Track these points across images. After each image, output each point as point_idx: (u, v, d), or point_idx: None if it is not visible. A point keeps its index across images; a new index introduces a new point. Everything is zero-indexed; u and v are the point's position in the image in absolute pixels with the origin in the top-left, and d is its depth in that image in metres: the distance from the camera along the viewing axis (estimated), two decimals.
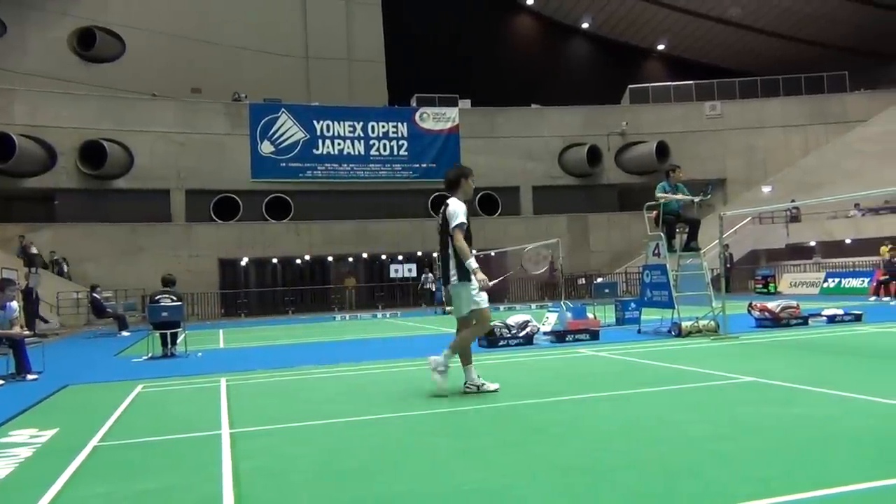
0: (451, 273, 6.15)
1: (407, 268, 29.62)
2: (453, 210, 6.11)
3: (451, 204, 6.17)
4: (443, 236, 6.24)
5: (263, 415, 5.81)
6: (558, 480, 3.52)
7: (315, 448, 4.53)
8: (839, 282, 22.57)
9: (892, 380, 6.14)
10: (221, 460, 4.24)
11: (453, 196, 6.25)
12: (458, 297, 6.19)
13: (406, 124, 31.93)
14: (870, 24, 40.78)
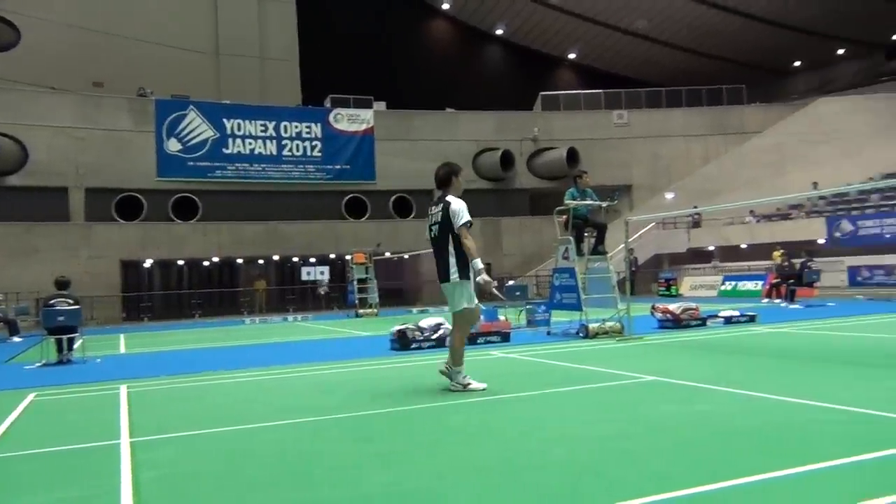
0: (451, 270, 6.11)
1: (319, 270, 29.22)
2: (457, 208, 6.11)
3: (452, 202, 6.16)
4: (441, 234, 6.19)
5: (166, 422, 5.59)
6: (469, 481, 3.54)
7: (220, 456, 4.40)
8: (735, 285, 23.71)
9: (784, 377, 6.49)
10: (121, 471, 4.05)
11: (445, 194, 6.28)
12: (457, 295, 6.16)
13: (320, 125, 31.52)
14: (765, 41, 43.18)
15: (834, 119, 33.14)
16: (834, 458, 3.48)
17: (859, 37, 44.92)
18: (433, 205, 6.40)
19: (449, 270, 6.13)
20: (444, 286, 6.26)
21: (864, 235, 23.44)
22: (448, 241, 6.14)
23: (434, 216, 6.29)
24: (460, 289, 6.13)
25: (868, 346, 8.75)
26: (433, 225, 6.28)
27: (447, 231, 6.14)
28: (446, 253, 6.16)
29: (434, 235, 6.28)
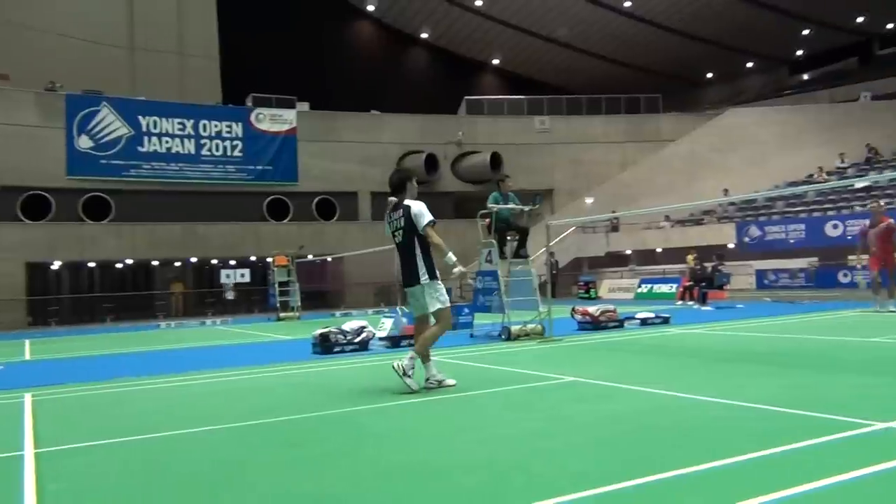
0: (420, 272, 6.25)
1: (240, 273, 28.59)
2: (419, 210, 6.29)
3: (413, 205, 6.31)
4: (407, 239, 6.31)
5: (75, 432, 5.35)
6: (391, 484, 3.53)
7: (133, 466, 4.24)
8: (651, 287, 24.47)
9: (695, 376, 6.74)
10: (24, 484, 3.85)
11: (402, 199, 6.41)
12: (427, 296, 6.29)
13: (241, 124, 30.86)
14: (680, 52, 44.85)
15: (743, 129, 34.70)
16: (740, 454, 3.63)
17: (766, 52, 47.28)
18: (391, 210, 6.50)
19: (418, 273, 6.28)
20: (413, 290, 6.38)
21: (770, 240, 24.62)
22: (415, 244, 6.29)
23: (396, 222, 6.41)
24: (431, 289, 6.29)
25: (773, 345, 9.19)
26: (397, 231, 6.40)
27: (413, 235, 6.29)
28: (413, 256, 6.30)
29: (401, 241, 6.40)
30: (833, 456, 3.60)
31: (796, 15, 41.42)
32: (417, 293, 6.37)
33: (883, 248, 12.35)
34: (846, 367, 6.91)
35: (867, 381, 5.92)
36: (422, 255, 6.30)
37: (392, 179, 6.60)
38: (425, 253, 6.32)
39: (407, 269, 6.37)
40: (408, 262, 6.36)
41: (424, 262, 6.29)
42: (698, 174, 32.88)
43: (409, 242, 6.31)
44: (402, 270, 6.48)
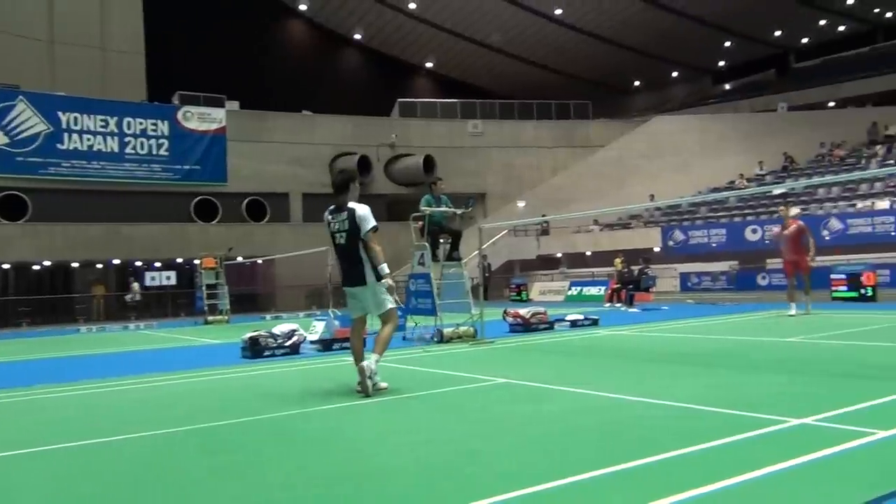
0: (367, 274, 6.25)
1: (166, 275, 27.77)
2: (363, 214, 6.24)
3: (358, 209, 6.26)
4: (350, 241, 6.27)
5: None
6: (319, 490, 3.48)
7: (45, 477, 4.05)
8: (581, 290, 24.94)
9: (622, 377, 6.90)
10: None
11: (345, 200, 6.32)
12: (372, 297, 6.29)
13: (167, 122, 30.00)
14: (609, 60, 45.93)
15: (669, 136, 35.78)
16: (664, 452, 3.73)
17: (691, 62, 48.92)
18: (334, 212, 6.41)
19: (364, 275, 6.27)
20: (357, 290, 6.34)
21: (693, 244, 25.42)
22: (359, 246, 6.27)
23: (339, 223, 6.33)
24: (378, 289, 6.30)
25: (696, 346, 9.49)
26: (339, 233, 6.34)
27: (356, 237, 6.25)
28: (358, 258, 6.28)
29: (342, 243, 6.34)
30: (751, 452, 3.73)
31: (719, 27, 43.00)
32: (361, 294, 6.33)
33: (795, 250, 12.64)
34: (764, 366, 7.19)
35: (783, 380, 6.17)
36: (367, 256, 6.30)
37: (336, 181, 6.57)
38: (371, 255, 6.31)
39: (352, 271, 6.32)
40: (353, 263, 6.32)
41: (371, 264, 6.28)
42: (626, 179, 33.72)
43: (354, 244, 6.28)
44: (344, 272, 6.43)
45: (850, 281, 16.88)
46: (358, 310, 6.49)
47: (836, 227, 21.48)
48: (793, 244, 12.61)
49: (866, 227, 21.15)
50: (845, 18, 43.77)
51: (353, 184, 6.49)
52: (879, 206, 22.15)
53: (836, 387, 5.72)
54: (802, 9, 41.43)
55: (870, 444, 3.75)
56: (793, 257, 12.67)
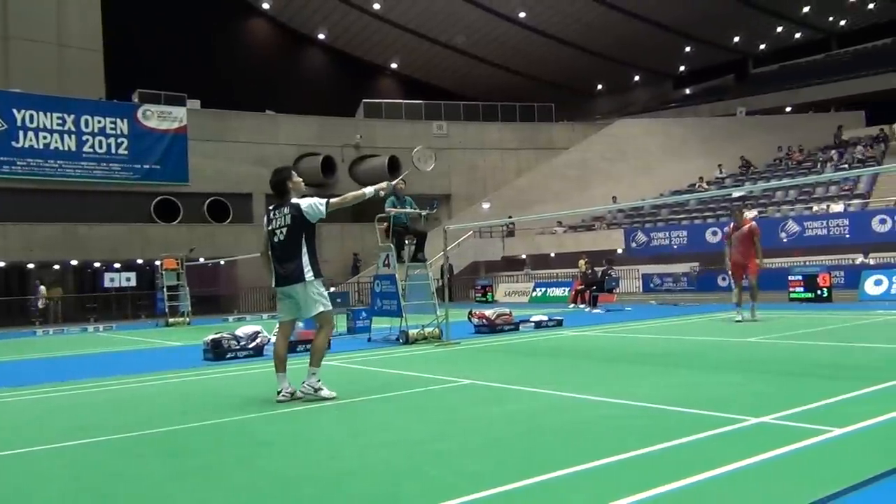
0: (305, 269, 6.04)
1: (125, 277, 27.25)
2: (310, 203, 6.12)
3: (302, 202, 6.12)
4: (291, 237, 6.10)
5: None
6: (282, 493, 3.45)
7: (4, 483, 3.95)
8: (545, 291, 25.11)
9: (585, 377, 6.97)
10: None
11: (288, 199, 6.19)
12: (312, 295, 6.08)
13: (127, 121, 29.41)
14: (572, 64, 46.34)
15: (631, 139, 36.24)
16: (627, 451, 3.79)
17: (652, 66, 49.63)
18: (274, 209, 6.29)
19: (303, 270, 6.06)
20: (291, 290, 6.12)
21: (655, 246, 25.79)
22: (301, 241, 6.11)
23: (279, 220, 6.18)
24: (314, 288, 6.11)
25: (658, 346, 9.63)
26: (279, 229, 6.16)
27: (299, 231, 6.10)
28: (298, 254, 6.09)
29: (281, 240, 6.16)
30: (711, 451, 3.81)
31: (679, 33, 43.71)
32: (295, 293, 6.12)
33: (744, 251, 12.00)
34: (724, 366, 7.33)
35: (742, 379, 6.30)
36: (308, 253, 6.12)
37: (272, 182, 6.35)
38: (311, 252, 6.16)
39: (288, 267, 6.10)
40: (290, 259, 6.11)
41: (310, 261, 6.11)
42: (590, 181, 34.08)
43: (295, 240, 6.10)
44: (279, 270, 6.17)
45: (806, 282, 17.28)
46: (290, 312, 6.28)
47: (793, 230, 21.99)
48: (743, 245, 12.02)
49: (822, 229, 21.68)
50: (801, 26, 44.84)
51: (289, 181, 6.29)
52: (834, 210, 22.73)
53: (792, 386, 5.86)
54: (760, 16, 42.34)
55: (825, 442, 3.85)
56: (740, 259, 12.03)
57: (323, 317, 6.17)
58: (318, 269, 6.17)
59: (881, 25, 42.01)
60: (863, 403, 4.83)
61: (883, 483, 3.14)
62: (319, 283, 6.18)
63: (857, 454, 3.65)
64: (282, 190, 6.26)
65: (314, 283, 6.11)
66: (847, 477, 3.16)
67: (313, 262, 6.14)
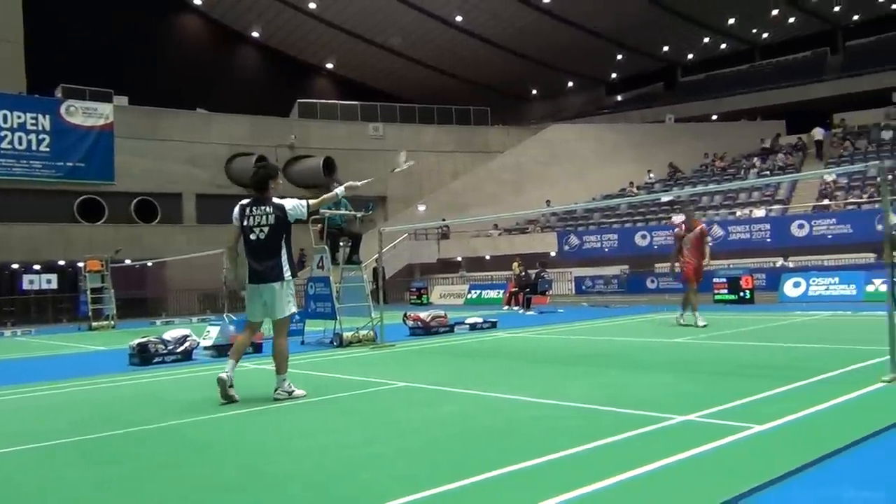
0: (284, 269, 6.13)
1: (46, 279, 26.18)
2: (294, 205, 6.25)
3: (286, 203, 6.23)
4: (273, 236, 6.13)
5: None
6: (212, 501, 3.38)
7: None
8: (480, 293, 25.31)
9: (519, 378, 7.05)
10: None
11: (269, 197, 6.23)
12: (284, 297, 6.11)
13: (49, 117, 28.26)
14: (507, 68, 46.78)
15: (564, 144, 36.85)
16: (559, 450, 3.85)
17: (585, 73, 50.55)
18: (251, 206, 6.26)
19: (282, 269, 6.13)
20: (271, 287, 6.09)
21: (587, 249, 26.31)
22: (282, 240, 6.17)
23: (259, 217, 6.16)
24: (289, 289, 6.16)
25: (589, 347, 9.83)
26: (258, 227, 6.15)
27: (281, 231, 6.15)
28: (278, 253, 6.15)
29: (262, 238, 6.15)
30: (639, 449, 3.91)
31: (612, 40, 44.66)
32: (268, 292, 6.10)
33: (696, 253, 11.75)
34: (652, 366, 7.53)
35: (669, 379, 6.49)
36: (287, 253, 6.20)
37: (256, 175, 6.41)
38: (289, 252, 6.24)
39: (266, 265, 6.12)
40: (270, 257, 6.13)
41: (288, 261, 6.19)
42: (524, 185, 34.50)
43: (276, 239, 6.15)
44: (256, 267, 6.14)
45: (730, 284, 17.93)
46: (259, 313, 6.26)
47: (717, 234, 22.75)
48: (695, 247, 11.73)
49: (745, 234, 22.54)
50: (727, 38, 46.44)
51: (273, 181, 6.37)
52: (756, 215, 23.66)
53: (716, 385, 6.07)
54: (688, 26, 43.65)
55: (746, 438, 4.00)
56: (694, 261, 11.73)
57: (285, 321, 6.23)
58: (294, 268, 6.29)
59: (801, 39, 43.89)
60: (781, 401, 5.04)
61: (798, 478, 3.29)
62: (293, 284, 6.24)
63: (775, 450, 3.81)
64: (264, 186, 6.30)
65: (290, 283, 6.18)
66: (765, 472, 3.30)
67: (291, 263, 6.24)
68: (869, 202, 21.55)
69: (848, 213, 21.55)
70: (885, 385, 5.43)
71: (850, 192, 23.70)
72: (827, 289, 17.37)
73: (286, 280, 6.15)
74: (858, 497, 3.14)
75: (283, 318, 6.20)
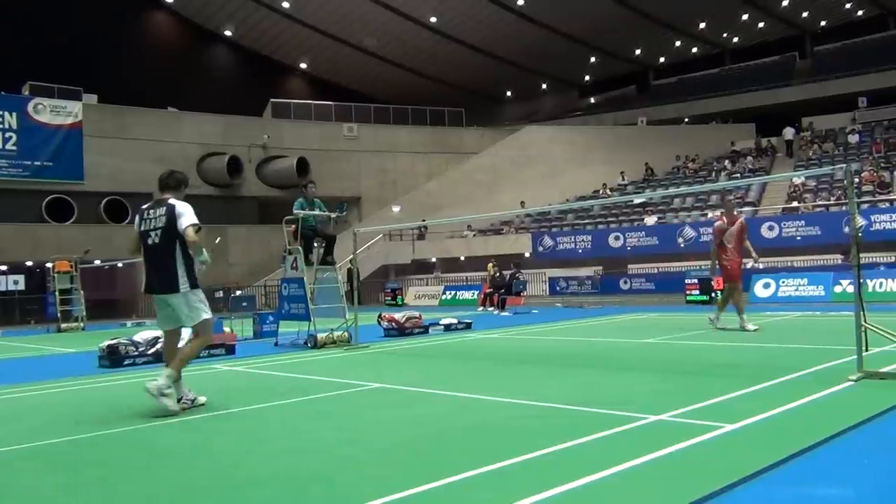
0: (180, 280, 5.64)
1: (13, 279, 25.69)
2: (183, 209, 5.69)
3: (178, 205, 5.73)
4: (165, 240, 5.68)
5: None
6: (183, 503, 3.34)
7: None
8: (455, 294, 25.33)
9: (493, 379, 7.07)
10: None
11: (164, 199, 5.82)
12: (187, 306, 5.69)
13: (16, 115, 27.76)
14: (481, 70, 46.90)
15: (538, 145, 37.04)
16: (532, 451, 3.86)
17: (559, 75, 50.86)
18: (149, 209, 5.89)
19: (178, 280, 5.66)
20: (168, 298, 5.73)
21: (561, 250, 26.44)
22: (175, 246, 5.68)
23: (152, 220, 5.78)
24: (193, 298, 5.73)
25: (563, 347, 9.88)
26: (153, 230, 5.75)
27: (173, 236, 5.67)
28: (172, 261, 5.68)
29: (155, 242, 5.75)
30: (612, 449, 3.93)
31: (584, 44, 44.99)
32: (174, 303, 5.72)
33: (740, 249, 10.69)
34: (625, 366, 7.59)
35: (642, 379, 6.55)
36: (183, 259, 5.70)
37: (166, 177, 6.01)
38: (187, 258, 5.73)
39: (162, 275, 5.71)
40: (164, 266, 5.70)
41: (186, 268, 5.70)
42: (498, 186, 34.59)
43: (168, 245, 5.69)
44: (151, 276, 5.80)
45: (701, 285, 18.13)
46: (169, 321, 5.88)
47: (689, 235, 23.01)
48: (738, 242, 10.65)
49: None
50: (698, 41, 47.04)
51: (183, 187, 6.03)
52: None
53: (688, 384, 6.13)
54: (660, 30, 44.11)
55: (718, 437, 4.05)
56: (739, 258, 10.69)
57: (205, 324, 5.82)
58: (194, 278, 5.76)
59: (770, 43, 44.58)
60: (752, 400, 5.10)
61: (769, 476, 3.33)
62: (198, 291, 5.80)
63: (746, 449, 3.86)
64: (172, 187, 5.93)
65: (191, 292, 5.72)
66: (736, 471, 3.33)
67: (189, 271, 5.73)
68: (836, 204, 21.95)
69: (816, 215, 21.92)
70: (853, 384, 5.52)
71: (818, 194, 24.11)
72: (796, 290, 17.64)
73: (182, 292, 5.68)
74: (828, 494, 3.19)
75: (198, 325, 5.80)
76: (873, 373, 5.71)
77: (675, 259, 23.46)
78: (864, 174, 23.12)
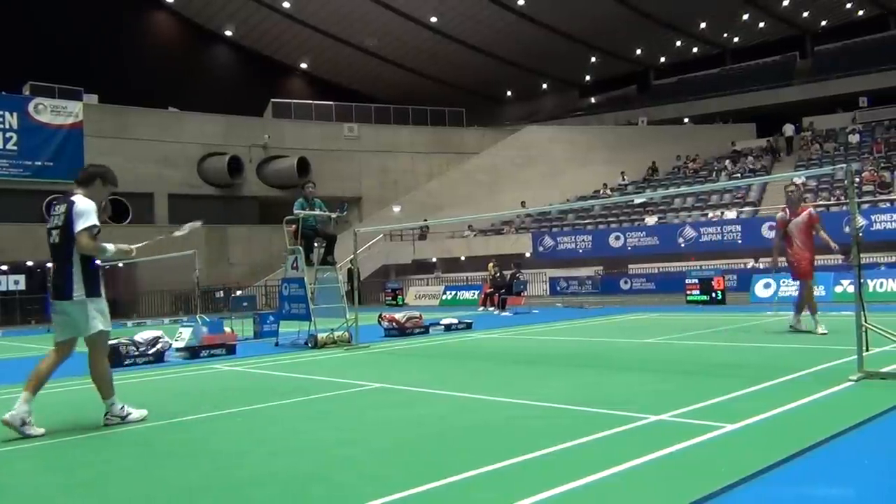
0: (74, 288, 5.02)
1: (13, 279, 25.67)
2: (83, 209, 5.02)
3: (79, 202, 5.07)
4: (64, 241, 5.07)
5: None
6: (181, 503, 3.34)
7: None
8: (455, 294, 25.30)
9: (493, 379, 7.06)
10: None
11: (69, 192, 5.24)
12: (85, 316, 5.09)
13: (17, 115, 27.77)
14: (482, 70, 46.91)
15: (539, 145, 37.05)
16: (533, 451, 3.86)
17: (559, 75, 50.87)
18: (56, 203, 5.33)
19: (71, 287, 5.03)
20: (62, 305, 5.11)
21: (562, 250, 26.43)
22: (72, 249, 5.04)
23: (54, 217, 5.19)
24: (87, 309, 5.08)
25: (564, 347, 9.87)
26: (54, 229, 5.15)
27: (70, 237, 5.03)
28: (68, 265, 5.04)
29: (55, 242, 5.15)
30: (612, 448, 3.93)
31: (585, 44, 44.99)
32: (71, 311, 5.10)
33: (810, 244, 9.64)
34: (625, 366, 7.58)
35: (642, 379, 6.54)
36: (80, 263, 5.07)
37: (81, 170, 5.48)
38: (85, 263, 5.11)
39: (57, 279, 5.11)
40: (59, 270, 5.09)
41: (82, 274, 5.07)
42: (499, 186, 34.60)
43: (67, 245, 5.06)
44: (53, 278, 5.27)
45: (702, 285, 18.11)
46: (66, 331, 5.23)
47: (690, 235, 23.01)
48: (805, 237, 9.57)
49: (716, 235, 22.80)
50: (698, 41, 47.04)
51: (101, 181, 5.33)
52: (728, 216, 23.94)
53: (689, 384, 6.12)
54: (660, 30, 44.12)
55: (718, 437, 4.04)
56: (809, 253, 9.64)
57: (100, 337, 5.20)
58: (94, 285, 5.14)
59: (770, 43, 44.59)
60: (752, 400, 5.10)
61: (769, 476, 3.32)
62: (97, 301, 5.16)
63: (747, 449, 3.85)
64: (85, 182, 5.28)
65: (86, 301, 5.08)
66: (736, 471, 3.33)
67: (87, 277, 5.09)
68: (837, 204, 21.92)
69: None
70: (853, 384, 5.52)
71: (819, 194, 24.09)
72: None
73: (75, 301, 5.05)
74: (828, 494, 3.19)
75: (93, 336, 5.18)
76: (874, 373, 5.71)
77: (675, 259, 23.48)
78: (865, 174, 23.12)
